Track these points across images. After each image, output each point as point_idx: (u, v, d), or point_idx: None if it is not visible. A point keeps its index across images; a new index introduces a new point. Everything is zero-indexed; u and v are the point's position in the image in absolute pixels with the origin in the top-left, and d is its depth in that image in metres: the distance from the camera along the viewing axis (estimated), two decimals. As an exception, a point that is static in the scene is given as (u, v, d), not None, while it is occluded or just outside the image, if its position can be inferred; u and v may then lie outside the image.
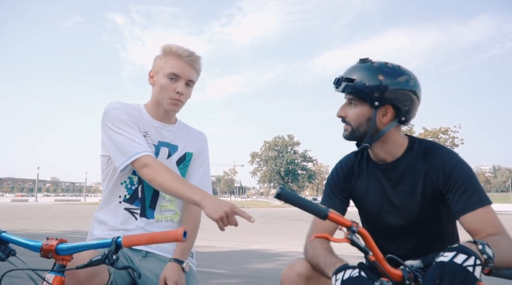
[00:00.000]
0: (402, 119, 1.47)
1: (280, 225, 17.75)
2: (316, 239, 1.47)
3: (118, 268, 1.00)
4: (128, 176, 1.71)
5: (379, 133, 1.47)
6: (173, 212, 1.78)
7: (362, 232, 1.08)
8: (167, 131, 1.78)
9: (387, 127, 1.47)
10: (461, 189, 1.37)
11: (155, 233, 1.02)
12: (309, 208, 1.11)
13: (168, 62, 1.68)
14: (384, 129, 1.47)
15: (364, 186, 1.58)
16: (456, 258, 1.00)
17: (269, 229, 14.99)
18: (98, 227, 1.73)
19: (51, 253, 1.07)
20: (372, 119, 1.45)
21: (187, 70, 1.68)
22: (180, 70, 1.67)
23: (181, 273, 1.59)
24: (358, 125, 1.47)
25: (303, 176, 75.51)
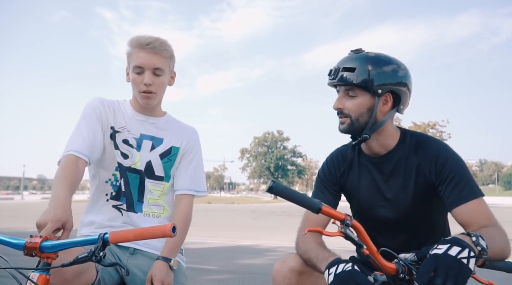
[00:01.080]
0: (400, 107, 1.47)
1: (270, 220, 17.75)
2: (309, 233, 1.45)
3: (105, 265, 0.97)
4: (112, 173, 1.69)
5: (378, 123, 1.46)
6: (161, 207, 1.75)
7: (355, 225, 1.07)
8: (150, 124, 1.76)
9: (386, 116, 1.46)
10: (453, 182, 1.36)
11: (143, 229, 0.99)
12: (301, 202, 1.09)
13: (132, 55, 1.64)
14: (383, 119, 1.46)
15: (356, 179, 1.57)
16: (451, 250, 0.99)
17: (259, 225, 14.99)
18: (85, 227, 1.70)
19: (35, 251, 1.03)
20: (374, 108, 1.43)
21: (150, 59, 1.62)
22: (142, 61, 1.62)
23: (168, 272, 1.56)
24: (358, 116, 1.45)
25: (293, 172, 75.62)
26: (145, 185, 1.71)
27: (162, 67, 1.66)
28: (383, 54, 1.45)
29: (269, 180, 7.13)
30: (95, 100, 1.71)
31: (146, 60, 1.62)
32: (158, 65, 1.64)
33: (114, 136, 1.70)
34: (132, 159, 1.70)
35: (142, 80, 1.63)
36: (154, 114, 1.77)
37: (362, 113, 1.44)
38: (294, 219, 18.03)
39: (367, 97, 1.43)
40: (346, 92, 1.46)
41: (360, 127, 1.46)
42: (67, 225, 1.24)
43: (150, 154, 1.73)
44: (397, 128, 1.55)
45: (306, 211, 1.57)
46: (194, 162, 1.81)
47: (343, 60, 1.46)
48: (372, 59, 1.42)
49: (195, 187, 1.79)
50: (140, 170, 1.71)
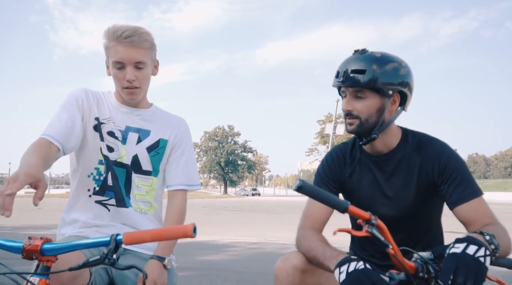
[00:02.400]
0: (406, 105, 1.49)
1: (223, 215, 17.73)
2: (312, 231, 1.47)
3: (121, 268, 0.90)
4: (95, 167, 1.60)
5: (386, 123, 1.47)
6: (148, 203, 1.68)
7: (380, 225, 1.07)
8: (136, 115, 1.68)
9: (393, 116, 1.48)
10: (456, 181, 1.40)
11: (161, 229, 0.94)
12: (329, 201, 1.08)
13: (111, 49, 1.55)
14: (391, 118, 1.48)
15: (357, 177, 1.58)
16: (468, 249, 1.02)
17: (212, 220, 14.92)
18: (67, 226, 1.60)
19: (36, 254, 0.95)
20: (383, 109, 1.44)
21: (129, 54, 1.52)
22: (122, 56, 1.52)
23: (162, 271, 1.50)
24: (367, 117, 1.45)
25: (243, 167, 75.89)
26: (132, 180, 1.63)
27: (143, 60, 1.56)
28: (388, 54, 1.47)
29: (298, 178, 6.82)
30: (79, 90, 1.63)
31: (126, 55, 1.52)
32: (139, 58, 1.55)
33: (99, 128, 1.61)
34: (118, 152, 1.62)
35: (124, 76, 1.54)
36: (140, 106, 1.69)
37: (371, 114, 1.45)
38: (247, 214, 18.15)
39: (376, 98, 1.44)
40: (354, 93, 1.45)
41: (370, 128, 1.46)
42: (40, 183, 1.12)
43: (136, 147, 1.65)
44: (398, 127, 1.57)
45: (306, 209, 1.57)
46: (185, 155, 1.75)
47: (350, 61, 1.45)
48: (380, 59, 1.42)
49: (188, 181, 1.73)
50: (127, 164, 1.63)
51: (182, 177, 1.72)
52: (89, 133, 1.59)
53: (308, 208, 1.57)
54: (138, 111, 1.68)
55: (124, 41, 1.51)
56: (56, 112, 1.55)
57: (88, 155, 1.60)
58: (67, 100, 1.58)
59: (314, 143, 63.32)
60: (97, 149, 1.60)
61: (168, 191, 1.74)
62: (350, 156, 1.61)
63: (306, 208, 1.57)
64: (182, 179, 1.72)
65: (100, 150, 1.60)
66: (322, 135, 57.78)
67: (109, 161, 1.60)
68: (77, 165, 1.63)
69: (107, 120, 1.62)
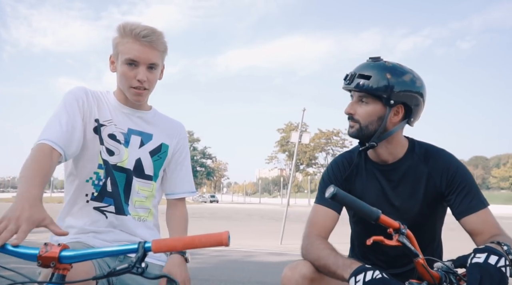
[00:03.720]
0: (411, 119, 1.51)
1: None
2: (320, 239, 1.46)
3: (151, 277, 0.87)
4: (94, 172, 1.53)
5: (387, 132, 1.49)
6: (147, 210, 1.62)
7: (408, 234, 1.08)
8: (138, 117, 1.63)
9: (396, 127, 1.50)
10: (464, 191, 1.44)
11: (194, 237, 0.90)
12: (361, 210, 1.09)
13: (125, 45, 1.49)
14: (393, 129, 1.49)
15: (363, 185, 1.59)
16: (490, 259, 1.03)
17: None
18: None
19: (54, 262, 0.90)
20: (384, 118, 1.46)
21: (146, 53, 1.49)
22: (138, 55, 1.48)
23: (185, 266, 1.48)
24: (367, 123, 1.47)
25: (202, 173, 75.23)
26: (133, 186, 1.57)
27: (157, 62, 1.53)
28: (401, 65, 1.49)
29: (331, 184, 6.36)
30: (77, 89, 1.55)
31: (142, 54, 1.48)
32: (154, 60, 1.51)
33: (99, 130, 1.53)
34: (119, 156, 1.55)
35: (135, 75, 1.49)
36: (141, 108, 1.64)
37: (372, 121, 1.47)
38: (207, 221, 17.92)
39: (379, 106, 1.45)
40: (359, 98, 1.48)
41: (369, 134, 1.48)
42: (45, 221, 1.06)
43: (139, 150, 1.59)
44: (405, 137, 1.59)
45: (312, 217, 1.56)
46: (185, 162, 1.73)
47: (361, 67, 1.47)
48: (390, 69, 1.45)
49: (190, 188, 1.73)
50: (128, 169, 1.56)
51: (185, 184, 1.71)
52: (89, 135, 1.52)
53: (314, 216, 1.56)
54: (140, 113, 1.63)
55: (142, 39, 1.47)
56: (55, 113, 1.47)
57: (87, 159, 1.52)
58: (66, 100, 1.50)
59: (274, 151, 63.79)
60: (96, 152, 1.52)
61: (171, 199, 1.70)
62: (356, 164, 1.62)
63: (312, 216, 1.57)
64: (187, 187, 1.71)
65: (100, 153, 1.53)
66: (281, 144, 58.28)
67: (109, 166, 1.53)
68: (74, 169, 1.54)
69: (108, 122, 1.56)
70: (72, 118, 1.46)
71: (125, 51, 1.49)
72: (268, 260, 7.67)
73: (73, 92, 1.54)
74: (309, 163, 53.65)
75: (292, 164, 11.25)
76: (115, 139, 1.56)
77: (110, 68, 1.57)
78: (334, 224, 1.55)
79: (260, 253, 8.42)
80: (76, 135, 1.45)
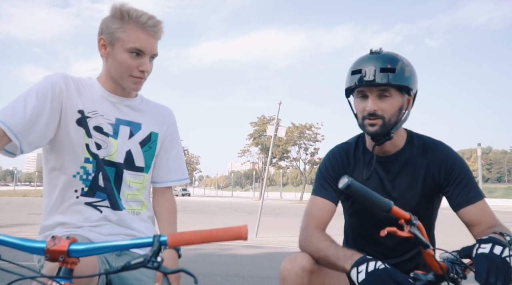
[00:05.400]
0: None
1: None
2: (319, 231, 1.46)
3: (168, 272, 0.84)
4: (81, 166, 1.45)
5: (401, 122, 1.50)
6: (140, 203, 1.57)
7: (419, 225, 1.09)
8: (126, 106, 1.55)
9: (406, 115, 1.51)
10: (462, 183, 1.47)
11: (212, 231, 0.87)
12: (374, 200, 1.08)
13: (128, 32, 1.41)
14: (405, 118, 1.51)
15: (362, 177, 1.59)
16: (495, 249, 1.05)
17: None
18: (51, 231, 1.45)
19: (63, 256, 0.86)
20: (403, 108, 1.47)
21: (152, 44, 1.44)
22: (144, 45, 1.42)
23: (178, 263, 1.45)
24: (390, 116, 1.46)
25: (173, 166, 74.50)
26: (123, 179, 1.50)
27: (157, 53, 1.49)
28: (401, 55, 1.50)
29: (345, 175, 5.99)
30: (57, 76, 1.43)
31: (148, 44, 1.43)
32: (157, 50, 1.47)
33: (84, 122, 1.45)
34: (108, 149, 1.47)
35: (138, 65, 1.43)
36: (128, 95, 1.56)
37: (394, 113, 1.46)
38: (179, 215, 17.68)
39: (399, 97, 1.46)
40: (379, 92, 1.44)
41: (390, 127, 1.47)
42: None
43: (128, 142, 1.52)
44: (403, 128, 1.60)
45: (310, 208, 1.56)
46: (174, 148, 1.66)
47: (376, 60, 1.43)
48: (402, 59, 1.46)
49: (178, 176, 1.67)
50: (118, 162, 1.50)
51: (173, 172, 1.65)
52: (71, 128, 1.43)
53: (312, 207, 1.56)
54: (127, 101, 1.55)
55: (149, 29, 1.42)
56: (24, 95, 1.34)
57: (71, 153, 1.44)
58: (40, 86, 1.38)
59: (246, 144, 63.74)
60: (81, 146, 1.44)
61: (157, 187, 1.66)
62: (354, 156, 1.63)
63: (310, 208, 1.57)
64: (173, 175, 1.65)
65: (87, 147, 1.45)
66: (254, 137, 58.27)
67: (99, 160, 1.47)
68: (57, 164, 1.46)
69: (93, 114, 1.47)
70: (40, 105, 1.35)
71: (129, 39, 1.41)
72: (244, 253, 7.70)
73: (51, 79, 1.41)
74: (281, 156, 53.85)
75: (267, 158, 11.27)
76: (102, 131, 1.48)
77: (100, 52, 1.48)
78: (331, 215, 1.55)
79: (236, 246, 8.43)
80: (39, 126, 1.35)
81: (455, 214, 1.50)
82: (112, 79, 1.50)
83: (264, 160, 57.72)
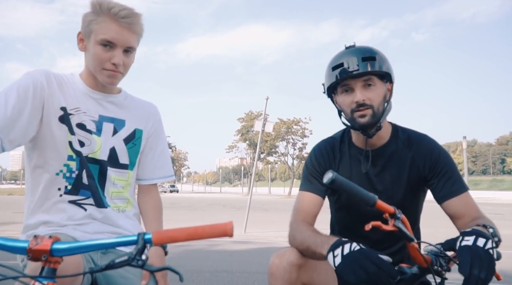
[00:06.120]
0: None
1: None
2: (304, 224, 1.47)
3: (153, 270, 0.83)
4: (64, 164, 1.43)
5: (387, 111, 1.51)
6: (125, 200, 1.55)
7: (403, 219, 1.10)
8: (109, 102, 1.52)
9: (389, 105, 1.52)
10: (446, 176, 1.48)
11: (197, 227, 0.86)
12: (358, 195, 1.09)
13: (100, 24, 1.38)
14: (388, 107, 1.52)
15: (347, 171, 1.59)
16: (478, 241, 1.06)
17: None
18: (34, 230, 1.43)
19: (46, 255, 0.85)
20: (386, 96, 1.49)
21: (124, 35, 1.40)
22: (115, 36, 1.38)
23: (165, 260, 1.44)
24: (378, 105, 1.46)
25: (161, 163, 74.11)
26: (108, 176, 1.49)
27: (134, 46, 1.45)
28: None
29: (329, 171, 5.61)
30: (38, 72, 1.40)
31: (120, 36, 1.39)
32: (131, 43, 1.43)
33: (67, 119, 1.42)
34: (91, 147, 1.46)
35: (110, 57, 1.40)
36: (112, 91, 1.54)
37: (381, 102, 1.47)
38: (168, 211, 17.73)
39: (382, 85, 1.48)
40: (363, 83, 1.45)
41: (379, 117, 1.47)
42: None
43: (112, 139, 1.50)
44: (388, 121, 1.61)
45: (297, 203, 1.56)
46: (159, 145, 1.64)
47: (355, 53, 1.45)
48: (377, 50, 1.48)
49: (164, 174, 1.66)
50: (102, 160, 1.48)
51: (158, 169, 1.64)
52: (54, 125, 1.41)
53: (299, 203, 1.57)
54: (110, 97, 1.53)
55: (121, 20, 1.38)
56: (4, 92, 1.31)
57: (53, 150, 1.42)
58: (21, 82, 1.35)
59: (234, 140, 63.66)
60: (64, 143, 1.42)
61: (142, 185, 1.64)
62: (339, 150, 1.63)
63: (297, 203, 1.57)
64: (158, 172, 1.64)
65: (70, 144, 1.43)
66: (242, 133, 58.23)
67: (83, 157, 1.45)
68: (40, 161, 1.44)
69: (76, 111, 1.45)
70: (21, 102, 1.32)
71: (100, 31, 1.39)
72: (233, 248, 7.70)
73: (32, 75, 1.39)
74: (269, 152, 53.95)
75: (255, 153, 11.27)
76: (85, 129, 1.46)
77: (78, 46, 1.47)
78: (318, 209, 1.56)
79: (225, 242, 8.42)
80: (21, 123, 1.32)
81: (439, 208, 1.51)
82: (92, 75, 1.48)
83: (252, 156, 57.75)
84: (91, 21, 1.40)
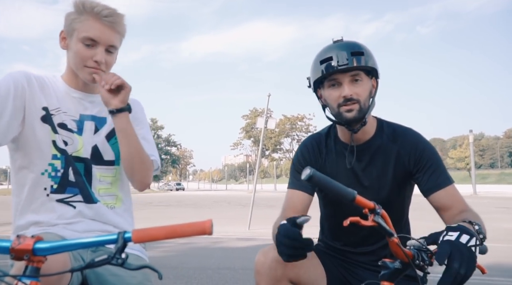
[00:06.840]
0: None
1: (149, 211, 17.25)
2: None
3: (132, 269, 0.85)
4: (49, 163, 1.45)
5: (371, 107, 1.52)
6: (114, 196, 1.56)
7: (383, 214, 1.11)
8: (90, 102, 1.55)
9: (374, 101, 1.53)
10: (431, 169, 1.48)
11: (176, 226, 0.88)
12: (337, 191, 1.09)
13: (83, 23, 1.42)
14: (373, 103, 1.53)
15: (333, 167, 1.60)
16: (461, 238, 1.05)
17: (138, 216, 14.33)
18: (25, 231, 1.45)
19: (28, 254, 0.87)
20: (371, 92, 1.51)
21: (106, 34, 1.43)
22: (97, 34, 1.41)
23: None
24: (365, 100, 1.48)
25: (167, 161, 74.27)
26: (93, 174, 1.50)
27: (116, 45, 1.48)
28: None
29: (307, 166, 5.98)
30: (18, 73, 1.43)
31: (102, 34, 1.42)
32: (113, 42, 1.46)
33: (49, 119, 1.45)
34: (74, 146, 1.48)
35: (92, 55, 1.43)
36: (92, 91, 1.55)
37: (367, 97, 1.49)
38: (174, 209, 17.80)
39: (368, 81, 1.49)
40: (351, 77, 1.46)
41: (365, 112, 1.48)
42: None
43: (94, 137, 1.52)
44: (373, 116, 1.61)
45: (285, 202, 1.57)
46: (140, 130, 1.60)
47: (344, 47, 1.46)
48: (364, 45, 1.49)
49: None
50: (85, 158, 1.50)
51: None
52: (36, 125, 1.43)
53: (287, 201, 1.58)
54: (91, 96, 1.55)
55: (104, 19, 1.41)
56: None
57: (37, 150, 1.44)
58: (1, 84, 1.37)
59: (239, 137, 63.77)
60: (48, 143, 1.45)
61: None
62: (325, 146, 1.64)
63: (285, 202, 1.58)
64: None
65: (54, 143, 1.45)
66: (246, 130, 58.30)
67: (68, 155, 1.47)
68: (25, 162, 1.46)
69: (56, 111, 1.47)
70: (2, 103, 1.35)
71: (83, 29, 1.42)
72: (236, 245, 7.73)
73: (13, 75, 1.41)
74: (274, 148, 53.98)
75: (259, 150, 11.27)
76: (66, 128, 1.48)
77: (60, 44, 1.49)
78: (307, 206, 1.57)
79: (229, 239, 8.46)
80: (1, 123, 1.35)
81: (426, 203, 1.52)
82: (73, 74, 1.51)
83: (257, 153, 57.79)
84: (74, 19, 1.43)
